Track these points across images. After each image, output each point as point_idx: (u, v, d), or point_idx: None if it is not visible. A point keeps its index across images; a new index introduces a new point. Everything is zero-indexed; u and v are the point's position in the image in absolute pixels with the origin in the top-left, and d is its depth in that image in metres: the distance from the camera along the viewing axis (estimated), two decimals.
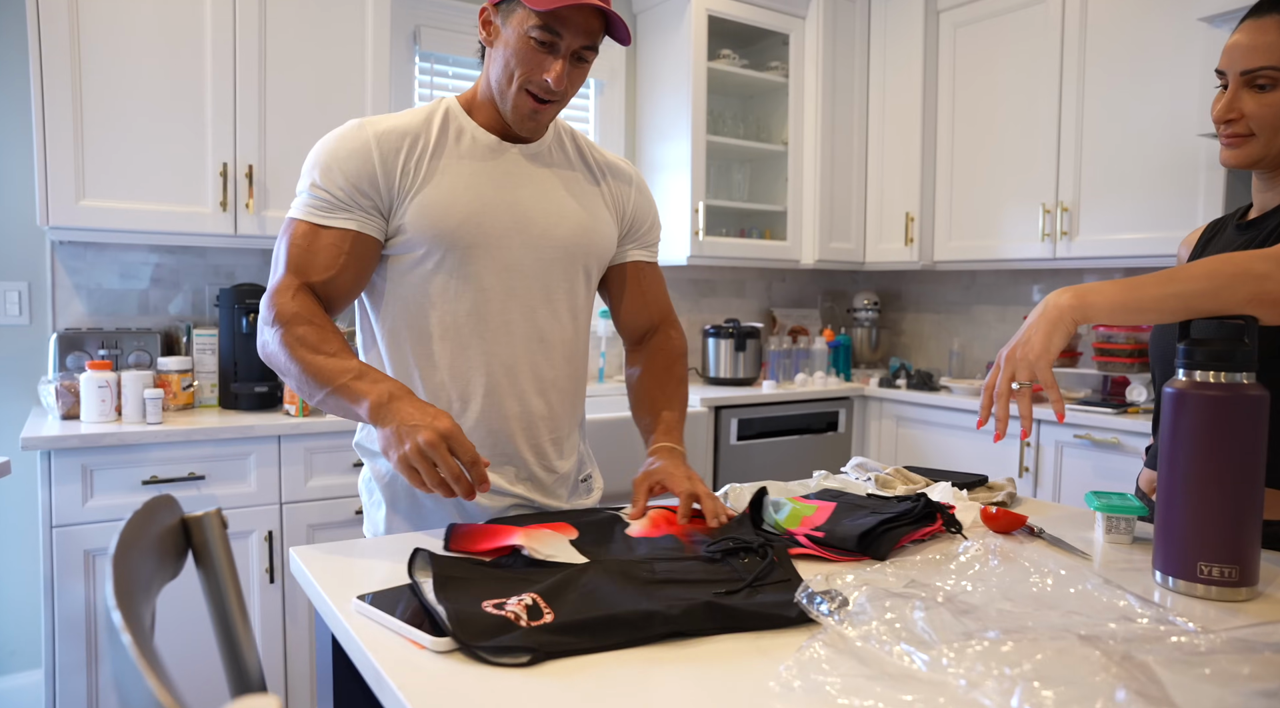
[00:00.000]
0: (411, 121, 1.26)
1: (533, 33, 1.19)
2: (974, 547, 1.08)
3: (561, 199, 1.33)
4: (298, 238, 1.21)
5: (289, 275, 1.20)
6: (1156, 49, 2.66)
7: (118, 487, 2.02)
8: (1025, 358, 1.07)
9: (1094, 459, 2.60)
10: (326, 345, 1.16)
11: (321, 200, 1.21)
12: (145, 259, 2.55)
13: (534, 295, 1.30)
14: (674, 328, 1.52)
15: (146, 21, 2.22)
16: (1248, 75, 1.18)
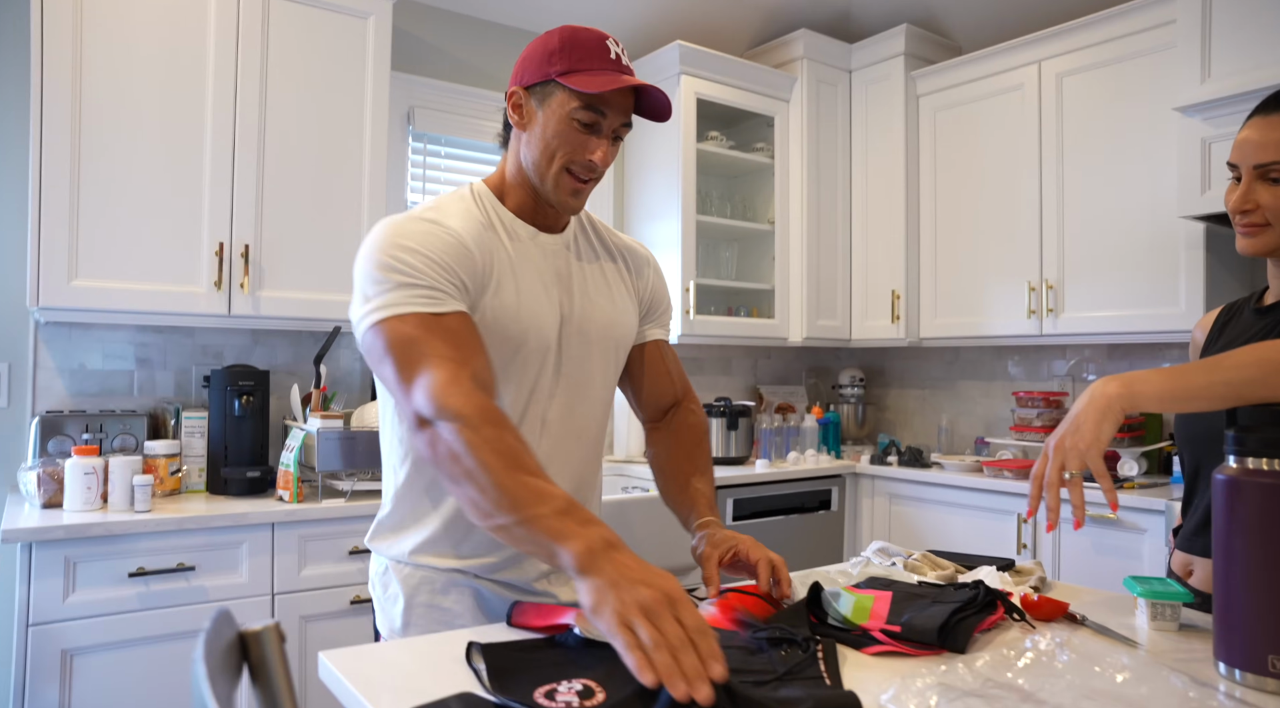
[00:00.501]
0: (470, 215, 1.22)
1: (577, 114, 1.18)
2: (1042, 641, 1.05)
3: (592, 290, 1.32)
4: (420, 331, 1.05)
5: (447, 366, 1.02)
6: (1133, 134, 2.77)
7: (102, 580, 1.91)
8: (1076, 447, 1.07)
9: (1093, 536, 2.60)
10: (524, 461, 0.99)
11: (424, 289, 1.08)
12: (131, 339, 2.48)
13: (573, 391, 1.28)
14: (694, 403, 1.50)
15: (149, 99, 2.21)
16: (1261, 169, 1.22)
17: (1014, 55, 3.09)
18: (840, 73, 3.61)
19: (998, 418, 3.47)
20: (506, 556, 1.26)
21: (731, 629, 1.09)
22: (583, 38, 1.20)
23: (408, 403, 1.04)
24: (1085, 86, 2.90)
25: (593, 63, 1.18)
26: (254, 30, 2.34)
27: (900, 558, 1.54)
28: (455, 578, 1.26)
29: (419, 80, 2.98)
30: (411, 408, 1.03)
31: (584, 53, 1.19)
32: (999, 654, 1.02)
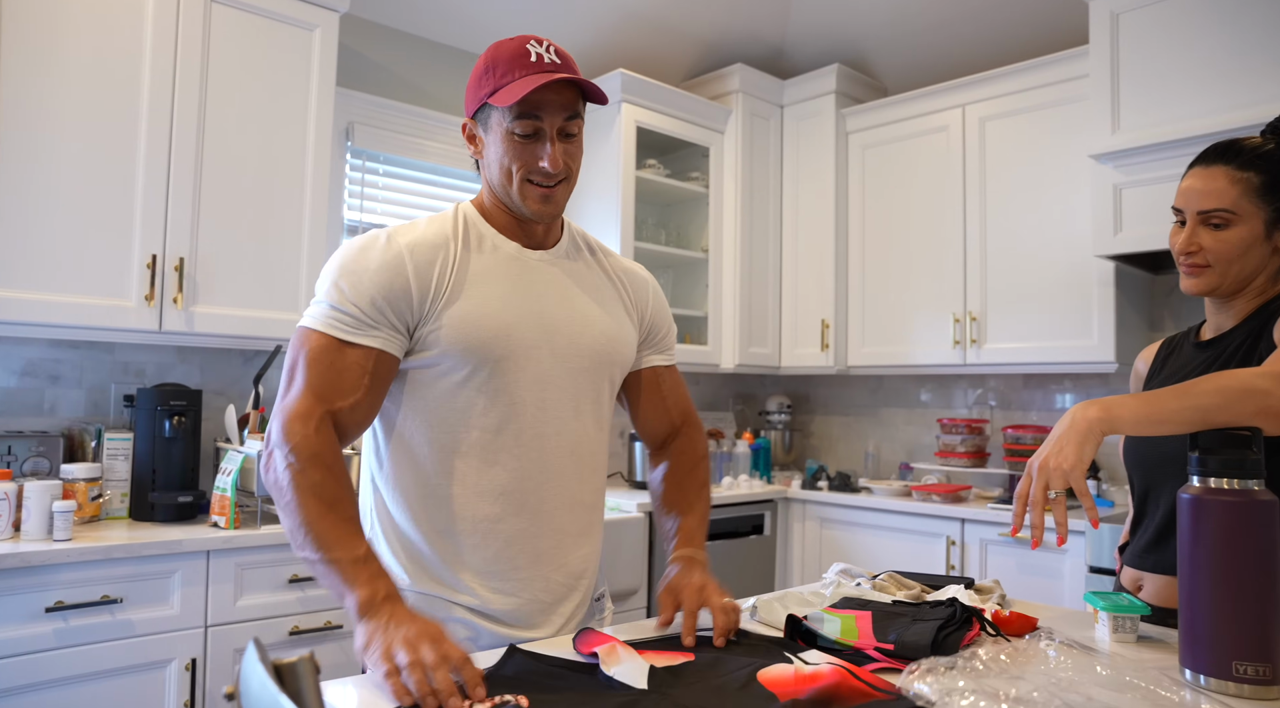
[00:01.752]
0: (438, 232, 1.22)
1: (514, 128, 1.18)
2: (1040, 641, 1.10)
3: (585, 306, 1.30)
4: (320, 353, 1.13)
5: (310, 398, 1.11)
6: (1049, 177, 2.96)
7: (15, 617, 1.76)
8: (1059, 468, 1.13)
9: (1017, 556, 2.73)
10: (341, 507, 1.08)
11: (348, 315, 1.14)
12: (43, 354, 2.32)
13: (564, 407, 1.26)
14: (695, 429, 1.49)
15: (76, 102, 2.09)
16: (1204, 215, 1.33)
17: (940, 98, 3.26)
18: (773, 107, 3.72)
19: (920, 444, 3.60)
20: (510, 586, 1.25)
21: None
22: (503, 51, 1.20)
23: (273, 417, 1.13)
24: (1006, 131, 3.08)
25: (514, 73, 1.17)
26: (194, 36, 2.25)
27: (864, 579, 1.58)
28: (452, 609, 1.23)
29: (360, 96, 2.92)
30: (270, 427, 1.12)
31: (506, 66, 1.18)
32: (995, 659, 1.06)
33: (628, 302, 1.38)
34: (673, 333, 1.48)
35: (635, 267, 1.44)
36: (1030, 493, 1.15)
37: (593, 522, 1.34)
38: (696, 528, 1.37)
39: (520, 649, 1.09)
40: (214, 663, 1.97)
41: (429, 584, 1.22)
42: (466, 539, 1.21)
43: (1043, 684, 0.98)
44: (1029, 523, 1.16)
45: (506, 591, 1.23)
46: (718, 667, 1.09)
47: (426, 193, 3.17)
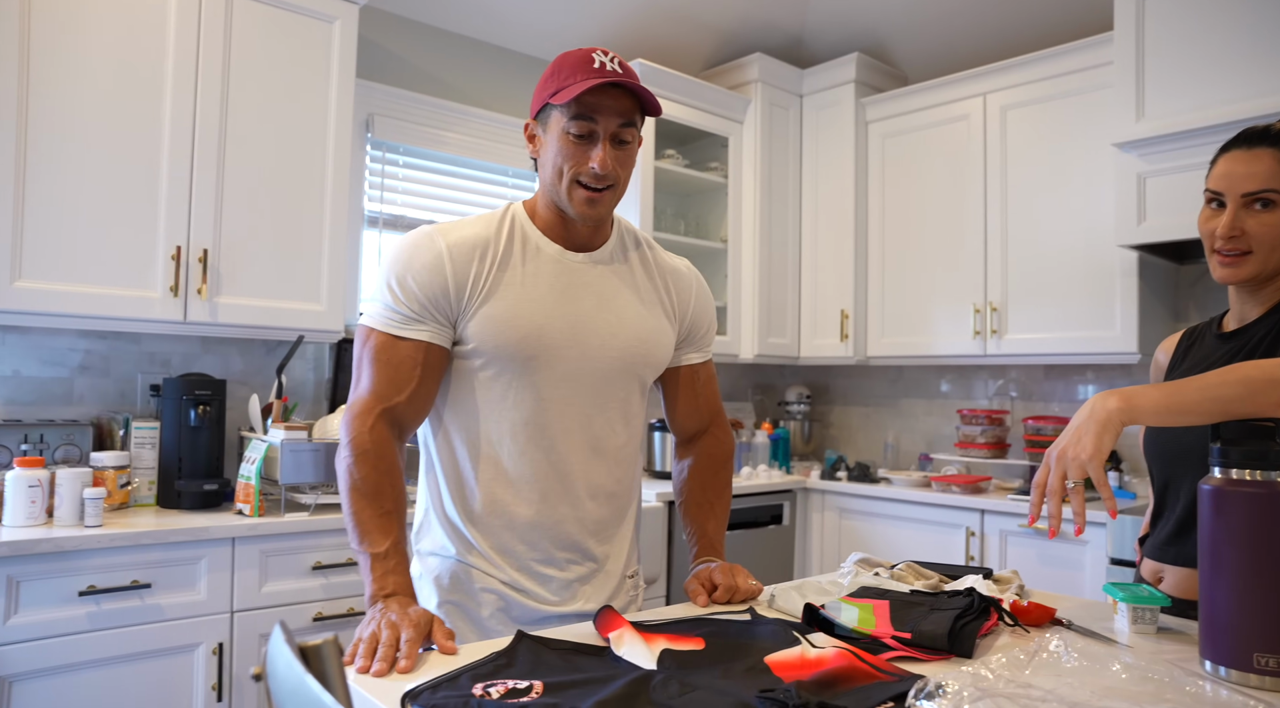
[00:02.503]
0: (482, 232, 1.28)
1: (570, 128, 1.23)
2: (1052, 642, 1.10)
3: (621, 309, 1.34)
4: (379, 350, 1.24)
5: (371, 396, 1.23)
6: (1072, 166, 2.93)
7: (49, 600, 1.81)
8: (1078, 458, 1.12)
9: (1037, 548, 2.72)
10: (380, 501, 1.19)
11: (398, 312, 1.24)
12: (73, 344, 2.36)
13: (590, 405, 1.32)
14: (722, 428, 1.55)
15: (104, 97, 2.12)
16: (1249, 197, 1.30)
17: (960, 87, 3.23)
18: (792, 97, 3.70)
19: (940, 435, 3.59)
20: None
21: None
22: (570, 58, 1.26)
23: (346, 410, 1.26)
24: (1028, 119, 3.05)
25: (577, 76, 1.22)
26: (216, 29, 2.27)
27: (882, 569, 1.58)
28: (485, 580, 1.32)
29: (379, 88, 2.94)
30: (342, 419, 1.25)
31: (570, 70, 1.24)
32: (1012, 657, 1.06)
33: (669, 303, 1.41)
34: (713, 330, 1.52)
35: (680, 265, 1.46)
36: (1048, 482, 1.15)
37: (620, 509, 1.39)
38: (717, 533, 1.46)
39: (528, 635, 1.11)
40: (240, 648, 2.01)
41: (471, 557, 1.31)
42: (496, 521, 1.30)
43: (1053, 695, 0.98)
44: (1047, 513, 1.16)
45: (534, 572, 1.31)
46: (729, 652, 1.10)
47: (446, 184, 3.19)
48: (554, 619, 1.33)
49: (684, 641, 1.14)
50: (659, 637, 1.14)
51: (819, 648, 1.10)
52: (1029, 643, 1.12)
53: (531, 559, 1.31)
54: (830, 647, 1.09)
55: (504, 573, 1.30)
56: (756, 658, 1.08)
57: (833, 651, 1.07)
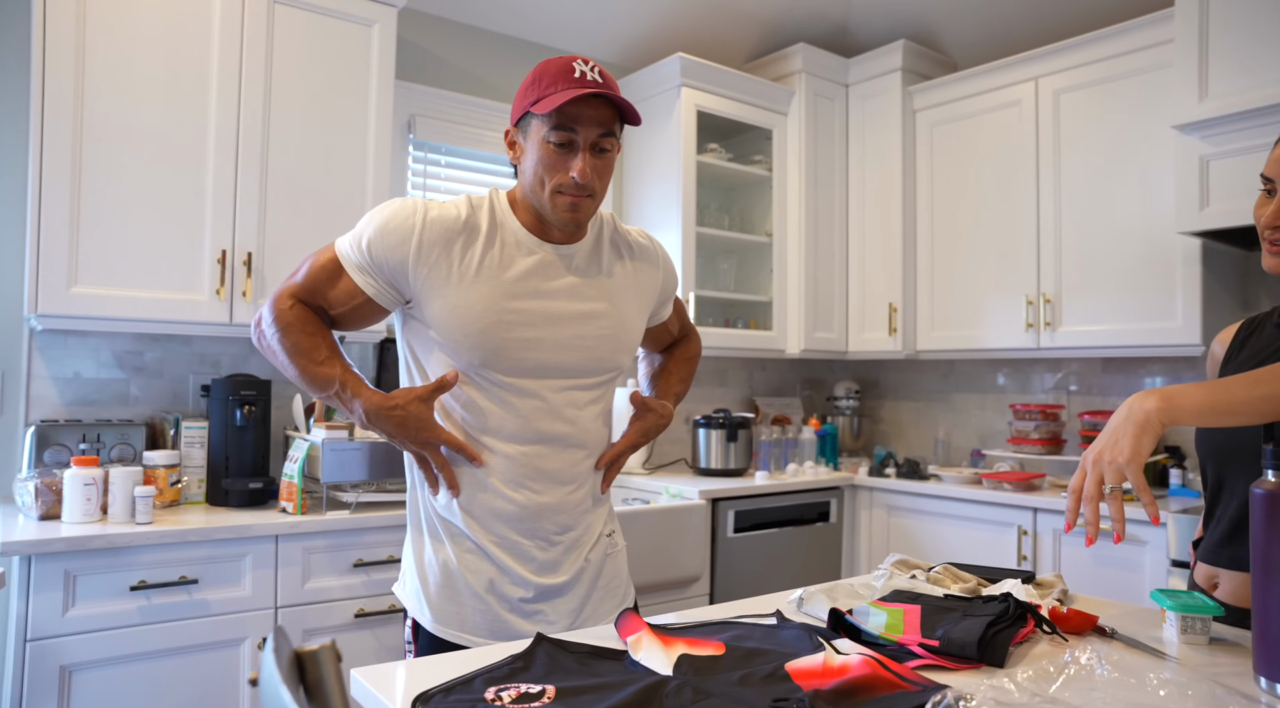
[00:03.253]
0: (460, 214, 1.31)
1: (550, 137, 1.26)
2: (1083, 655, 1.05)
3: (593, 298, 1.37)
4: (323, 265, 1.31)
5: (300, 288, 1.32)
6: (1129, 151, 2.81)
7: (103, 594, 1.87)
8: (1115, 461, 1.07)
9: (1095, 548, 2.62)
10: (317, 353, 1.30)
11: (356, 254, 1.29)
12: (128, 347, 2.44)
13: (562, 396, 1.35)
14: (691, 334, 1.68)
15: (152, 104, 2.18)
16: None
17: (1011, 72, 3.12)
18: (838, 87, 3.63)
19: (993, 430, 3.49)
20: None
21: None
22: (551, 66, 1.28)
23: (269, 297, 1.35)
24: (1082, 103, 2.94)
25: (558, 86, 1.25)
26: (258, 36, 2.32)
27: (920, 571, 1.54)
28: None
29: (420, 89, 2.97)
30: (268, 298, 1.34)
31: (551, 79, 1.26)
32: (1040, 669, 1.02)
33: (640, 285, 1.46)
34: (677, 282, 1.59)
35: (644, 241, 1.50)
36: (1085, 488, 1.10)
37: (594, 487, 1.43)
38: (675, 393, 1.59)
39: (546, 639, 1.11)
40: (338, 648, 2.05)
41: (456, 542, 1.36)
42: (476, 507, 1.33)
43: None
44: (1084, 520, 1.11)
45: (519, 550, 1.35)
46: (749, 658, 1.08)
47: (487, 182, 3.21)
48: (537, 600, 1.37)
49: (704, 645, 1.12)
50: (678, 641, 1.13)
51: (843, 655, 1.07)
52: (1063, 653, 1.07)
53: (514, 538, 1.34)
54: (855, 654, 1.06)
55: (489, 555, 1.34)
56: (777, 665, 1.06)
57: (857, 658, 1.04)
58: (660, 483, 3.03)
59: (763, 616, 1.29)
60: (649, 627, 1.15)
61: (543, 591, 1.36)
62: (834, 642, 1.15)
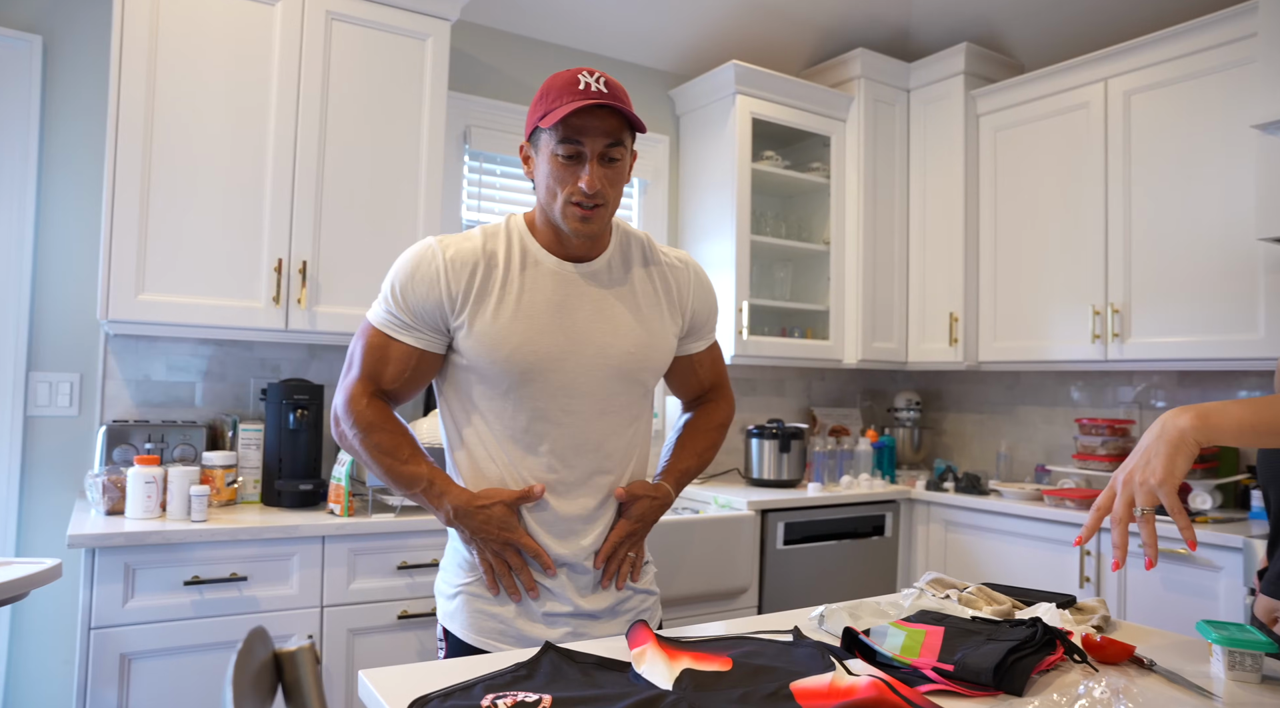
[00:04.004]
0: (479, 247, 1.34)
1: (558, 150, 1.28)
2: (1096, 688, 1.00)
3: (619, 316, 1.38)
4: (373, 346, 1.35)
5: (364, 379, 1.35)
6: (1206, 153, 2.67)
7: (159, 587, 1.96)
8: (1146, 483, 1.02)
9: (1162, 571, 2.49)
10: (401, 452, 1.34)
11: (395, 317, 1.33)
12: (194, 351, 2.55)
13: (590, 411, 1.36)
14: (722, 397, 1.62)
15: (215, 119, 2.28)
16: None
17: (1079, 73, 3.01)
18: (898, 92, 3.56)
19: (1059, 445, 3.35)
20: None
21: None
22: (558, 80, 1.29)
23: (337, 393, 1.38)
24: (1155, 104, 2.80)
25: (563, 99, 1.26)
26: (316, 52, 2.40)
27: (955, 591, 1.49)
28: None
29: (475, 100, 3.02)
30: (335, 402, 1.37)
31: (557, 93, 1.27)
32: (1048, 700, 0.97)
33: (670, 302, 1.45)
34: (714, 317, 1.56)
35: (678, 259, 1.49)
36: (1115, 510, 1.04)
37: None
38: (678, 466, 1.52)
39: (554, 648, 1.11)
40: (330, 641, 2.11)
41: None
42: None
43: None
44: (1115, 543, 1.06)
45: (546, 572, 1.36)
46: (756, 675, 1.06)
47: None
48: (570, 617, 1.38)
49: (711, 660, 1.10)
50: (684, 654, 1.11)
51: (853, 677, 1.04)
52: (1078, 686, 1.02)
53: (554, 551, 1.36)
54: (865, 676, 1.03)
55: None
56: (783, 684, 1.04)
57: (866, 680, 1.01)
58: (710, 493, 3.00)
59: (780, 632, 1.27)
60: (656, 639, 1.14)
61: (577, 610, 1.38)
62: (847, 662, 1.12)
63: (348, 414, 1.33)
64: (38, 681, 2.37)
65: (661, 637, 1.17)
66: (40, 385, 2.39)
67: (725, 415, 1.60)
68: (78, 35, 2.44)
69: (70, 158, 2.43)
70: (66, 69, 2.43)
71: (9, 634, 2.34)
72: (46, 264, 2.41)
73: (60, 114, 2.42)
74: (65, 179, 2.42)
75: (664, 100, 3.49)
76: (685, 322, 1.47)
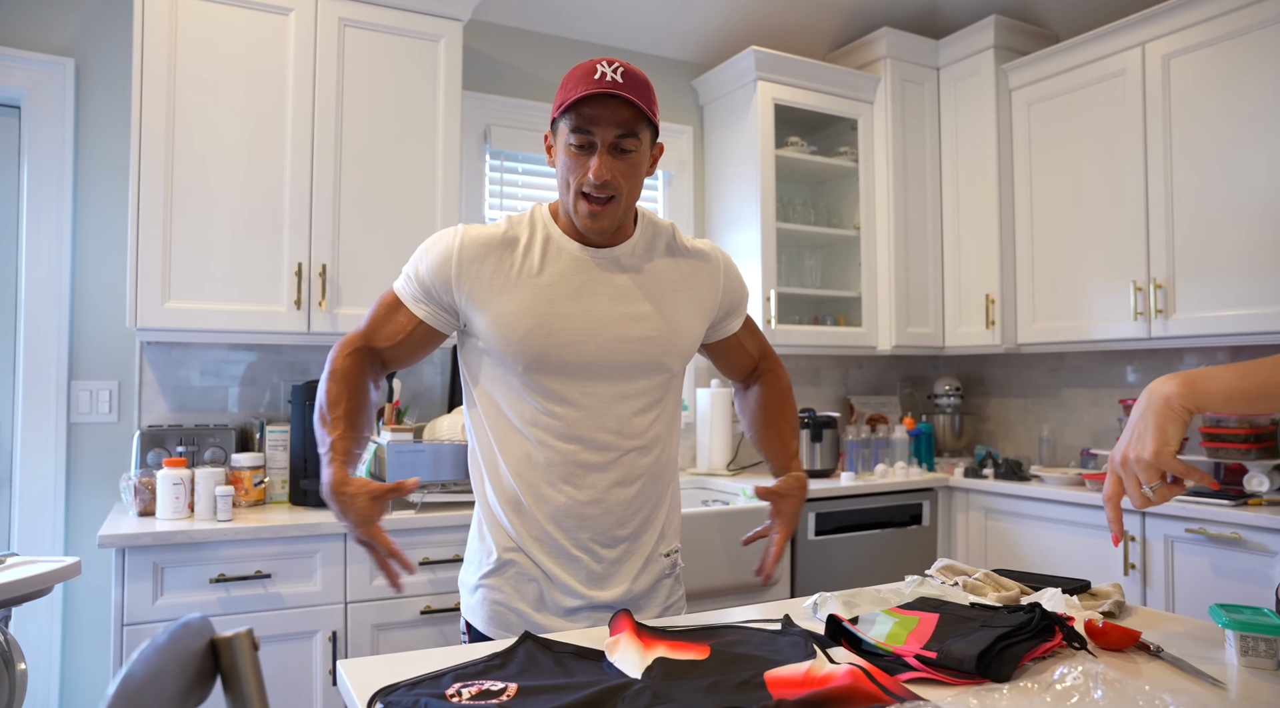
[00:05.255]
0: (500, 233, 1.35)
1: (570, 139, 1.28)
2: (1072, 674, 0.95)
3: (640, 303, 1.37)
4: (384, 305, 1.39)
5: (362, 333, 1.40)
6: (1254, 115, 2.53)
7: (187, 585, 2.01)
8: (1141, 459, 0.97)
9: (1212, 556, 2.37)
10: (336, 408, 1.33)
11: (409, 287, 1.37)
12: (225, 357, 2.62)
13: (611, 396, 1.35)
14: (776, 365, 1.63)
15: (234, 127, 2.34)
16: None
17: (1114, 39, 2.88)
18: (927, 70, 3.46)
19: (1106, 428, 3.23)
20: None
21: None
22: (577, 69, 1.29)
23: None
24: (1196, 67, 2.67)
25: (579, 88, 1.25)
26: (329, 58, 2.44)
27: (964, 577, 1.44)
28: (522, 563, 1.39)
29: (494, 99, 3.04)
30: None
31: (574, 83, 1.27)
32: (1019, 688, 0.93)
33: (697, 289, 1.43)
34: (746, 297, 1.55)
35: (705, 248, 1.48)
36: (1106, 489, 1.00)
37: (651, 493, 1.41)
38: (791, 450, 1.55)
39: (532, 637, 1.10)
40: (354, 636, 2.14)
41: (511, 549, 1.37)
42: (530, 508, 1.35)
43: None
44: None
45: (569, 556, 1.36)
46: (732, 664, 1.03)
47: None
48: (586, 610, 1.37)
49: (687, 649, 1.09)
50: (660, 643, 1.10)
51: (832, 665, 1.01)
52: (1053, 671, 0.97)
53: (566, 545, 1.35)
54: (844, 664, 1.00)
55: (540, 562, 1.36)
56: (757, 672, 1.01)
57: (844, 668, 0.98)
58: (740, 484, 2.97)
59: (770, 620, 1.24)
60: (634, 627, 1.13)
61: (592, 603, 1.37)
62: (830, 650, 1.09)
63: (331, 356, 1.37)
64: (88, 674, 2.46)
65: (641, 625, 1.16)
66: (81, 394, 2.48)
67: (786, 380, 1.62)
68: (106, 56, 2.53)
69: (103, 174, 2.52)
70: (97, 89, 2.52)
71: (62, 631, 2.44)
72: (84, 277, 2.50)
73: (92, 132, 2.51)
74: (99, 195, 2.51)
75: (687, 91, 3.46)
76: (716, 310, 1.47)
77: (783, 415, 1.57)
